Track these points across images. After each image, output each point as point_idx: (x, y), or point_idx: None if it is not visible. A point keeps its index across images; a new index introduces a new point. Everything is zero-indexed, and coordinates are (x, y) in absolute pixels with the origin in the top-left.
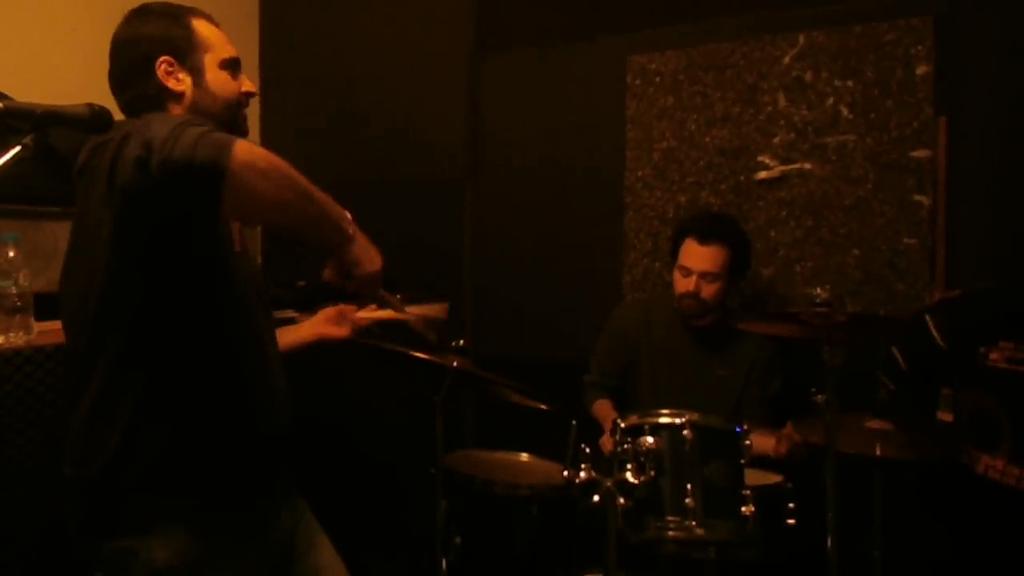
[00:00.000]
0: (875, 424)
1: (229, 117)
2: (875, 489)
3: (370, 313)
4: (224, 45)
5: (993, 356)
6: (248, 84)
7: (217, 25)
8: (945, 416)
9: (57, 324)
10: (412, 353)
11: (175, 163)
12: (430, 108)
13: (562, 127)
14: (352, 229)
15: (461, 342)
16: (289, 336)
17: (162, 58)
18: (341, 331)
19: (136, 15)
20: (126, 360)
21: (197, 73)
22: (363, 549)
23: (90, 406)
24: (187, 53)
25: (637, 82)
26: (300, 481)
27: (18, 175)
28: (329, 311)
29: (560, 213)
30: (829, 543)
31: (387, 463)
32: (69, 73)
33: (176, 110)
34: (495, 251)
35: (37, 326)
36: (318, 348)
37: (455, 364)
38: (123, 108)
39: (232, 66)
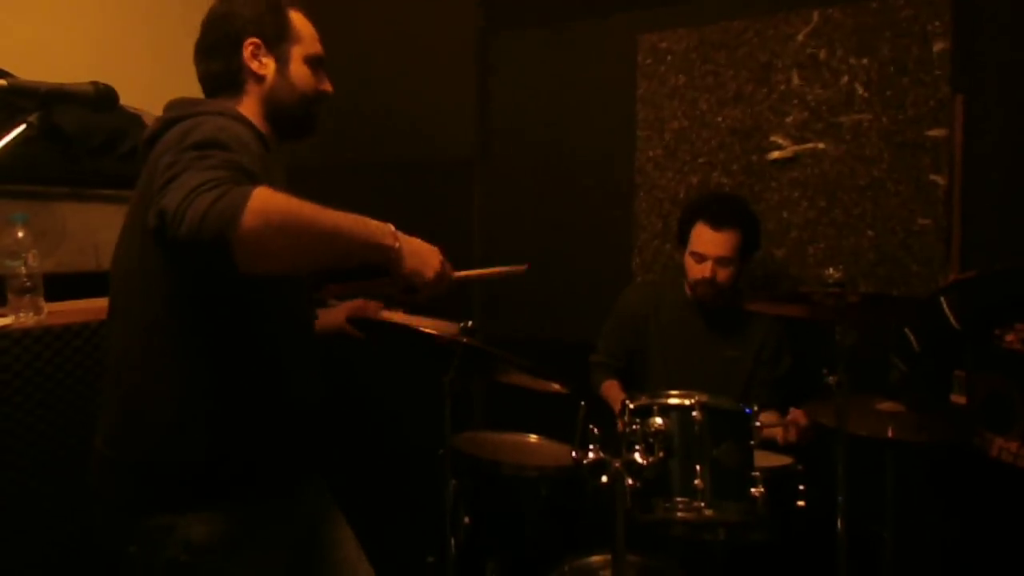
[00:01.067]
0: (887, 406)
1: (302, 111)
2: (886, 471)
3: (464, 273)
4: (314, 41)
5: (1008, 338)
6: (327, 84)
7: (310, 21)
8: (958, 398)
9: (67, 305)
10: (422, 329)
11: (183, 240)
12: (440, 88)
13: (572, 107)
14: (397, 242)
15: (470, 323)
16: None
17: (250, 39)
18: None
19: None
20: (181, 343)
21: (282, 61)
22: (372, 528)
23: (142, 385)
24: (277, 40)
25: (648, 61)
26: (326, 450)
27: (25, 155)
28: (355, 304)
29: (570, 194)
30: (839, 525)
31: (396, 443)
32: (74, 51)
33: (255, 92)
34: (505, 232)
35: (47, 307)
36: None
37: (465, 340)
38: (201, 78)
39: (316, 63)
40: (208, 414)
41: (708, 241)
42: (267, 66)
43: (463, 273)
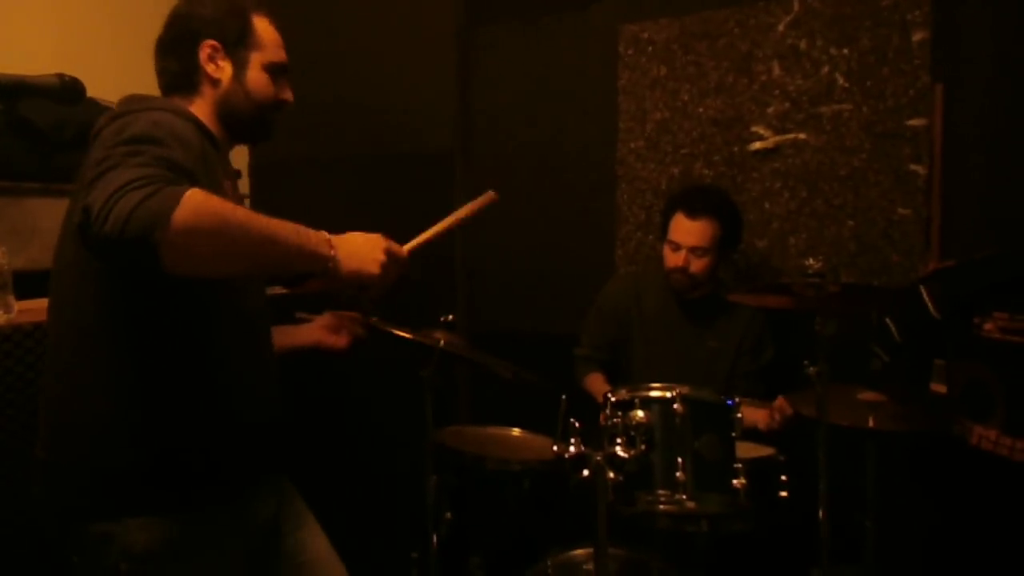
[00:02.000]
0: (868, 396)
1: (256, 118)
2: (868, 461)
3: (428, 234)
4: (277, 49)
5: (987, 326)
6: (288, 93)
7: (277, 28)
8: (938, 387)
9: (38, 303)
10: (398, 333)
11: (106, 239)
12: (420, 81)
13: (553, 98)
14: (332, 250)
15: (450, 317)
16: (286, 339)
17: (208, 41)
18: (340, 341)
19: None
20: (113, 345)
21: (239, 66)
22: (353, 525)
23: (71, 388)
24: (236, 45)
25: (629, 52)
26: (288, 457)
27: None
28: (329, 318)
29: (552, 186)
30: (821, 515)
31: (377, 439)
32: (41, 43)
33: (209, 94)
34: (486, 225)
35: (17, 304)
36: (312, 354)
37: (441, 343)
38: (159, 74)
39: (277, 71)
40: (137, 419)
41: (683, 230)
42: (223, 70)
43: (426, 235)
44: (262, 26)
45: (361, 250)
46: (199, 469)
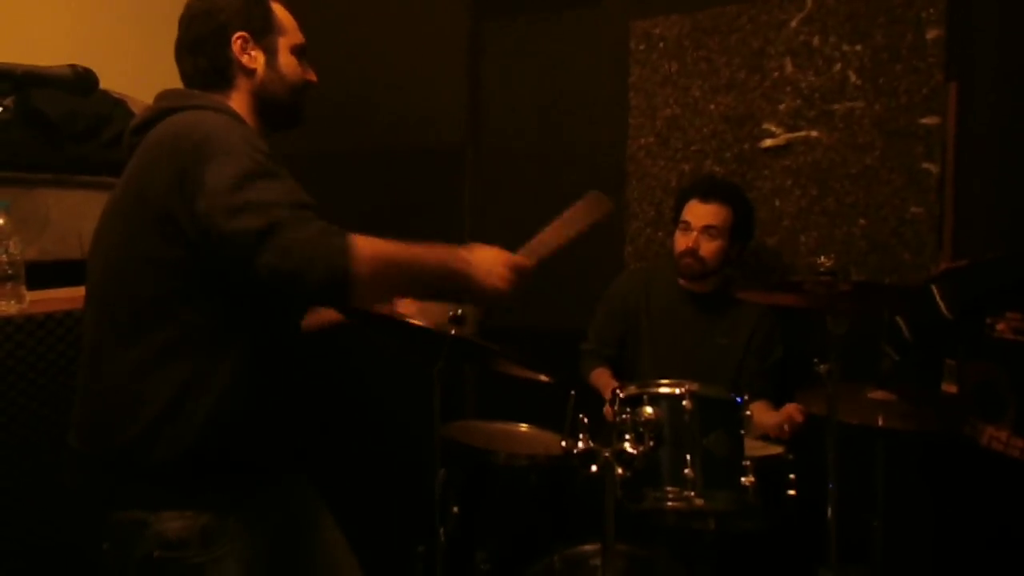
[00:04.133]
0: (878, 395)
1: (292, 102)
2: (877, 460)
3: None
4: (296, 31)
5: (999, 327)
6: (312, 73)
7: (288, 10)
8: (949, 387)
9: (49, 293)
10: (410, 322)
11: (287, 274)
12: (431, 75)
13: (564, 94)
14: (465, 265)
15: (459, 311)
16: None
17: (239, 33)
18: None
19: None
20: (169, 342)
21: (271, 53)
22: (361, 518)
23: (117, 379)
24: (264, 32)
25: (641, 47)
26: (311, 447)
27: (7, 141)
28: None
29: (561, 182)
30: (829, 514)
31: (385, 433)
32: (54, 34)
33: (244, 86)
34: (495, 220)
35: (29, 295)
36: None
37: (452, 333)
38: (186, 75)
39: (300, 52)
40: (189, 412)
41: (696, 212)
42: (256, 59)
43: (543, 248)
44: (280, 11)
45: (489, 263)
46: (239, 461)
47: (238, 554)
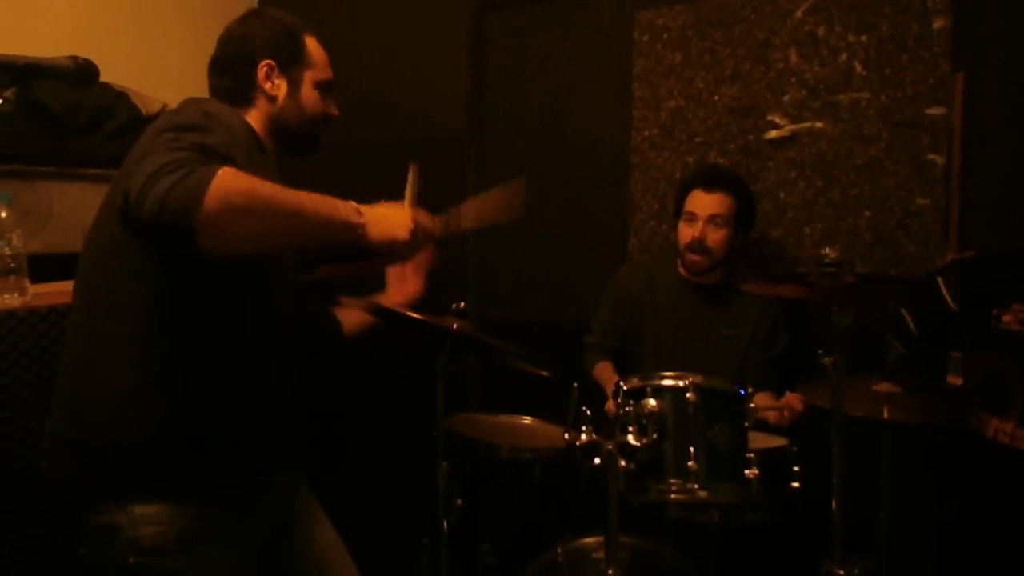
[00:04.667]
0: (883, 387)
1: (307, 132)
2: (882, 452)
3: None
4: (325, 67)
5: (1006, 318)
6: (334, 108)
7: (323, 46)
8: (955, 379)
9: (52, 286)
10: (412, 315)
11: (145, 222)
12: (434, 68)
13: (567, 86)
14: (361, 218)
15: (461, 304)
16: (353, 319)
17: (266, 60)
18: (415, 287)
19: (255, 15)
20: (142, 322)
21: (294, 84)
22: (364, 511)
23: (95, 363)
24: (291, 64)
25: (644, 38)
26: (300, 445)
27: (9, 133)
28: (393, 274)
29: (565, 174)
30: (834, 506)
31: (389, 426)
32: (55, 25)
33: (264, 108)
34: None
35: (32, 288)
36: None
37: (455, 327)
38: (212, 91)
39: (325, 87)
40: (159, 394)
41: (700, 202)
42: (279, 87)
43: (454, 223)
44: (313, 46)
45: (388, 215)
46: (217, 448)
47: (219, 558)
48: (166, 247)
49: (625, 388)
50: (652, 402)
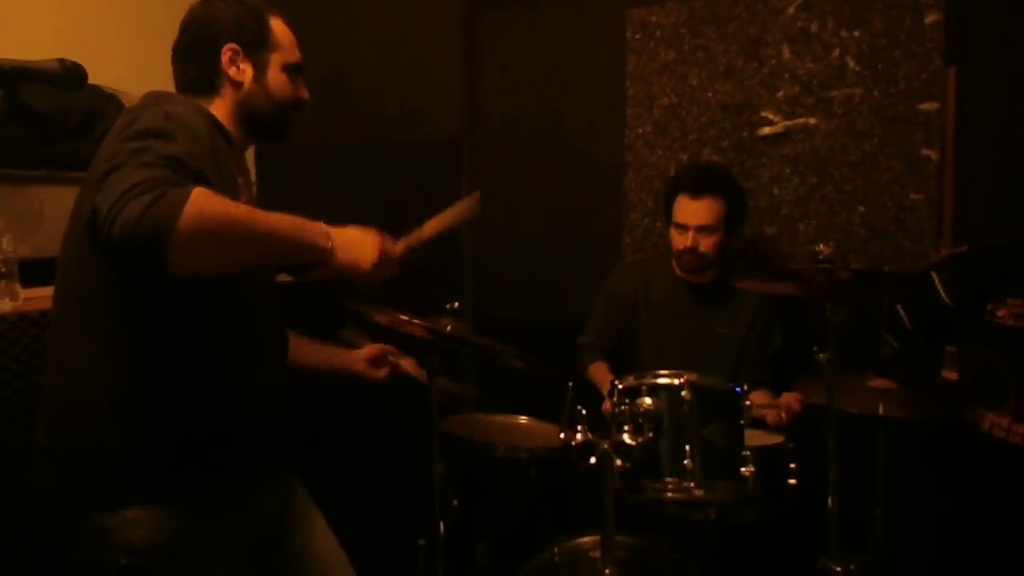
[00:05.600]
0: (878, 383)
1: (276, 117)
2: (878, 448)
3: (416, 238)
4: (293, 49)
5: (1000, 313)
6: (304, 91)
7: (290, 27)
8: (950, 375)
9: (43, 291)
10: (404, 318)
11: (114, 242)
12: (426, 68)
13: (560, 84)
14: (330, 242)
15: (456, 304)
16: (323, 358)
17: (229, 44)
18: (379, 374)
19: None
20: (117, 331)
21: (260, 68)
22: (361, 513)
23: (74, 374)
24: (255, 47)
25: (637, 36)
26: (295, 447)
27: None
28: (373, 350)
29: (559, 173)
30: (830, 503)
31: (384, 427)
32: (41, 29)
33: (229, 95)
34: (492, 213)
35: (24, 292)
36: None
37: (448, 329)
38: (177, 79)
39: (294, 70)
40: (140, 405)
41: (688, 211)
42: (244, 72)
43: (415, 237)
44: (278, 27)
45: (355, 243)
46: (200, 456)
47: (209, 558)
48: (132, 266)
49: (620, 387)
50: (647, 400)
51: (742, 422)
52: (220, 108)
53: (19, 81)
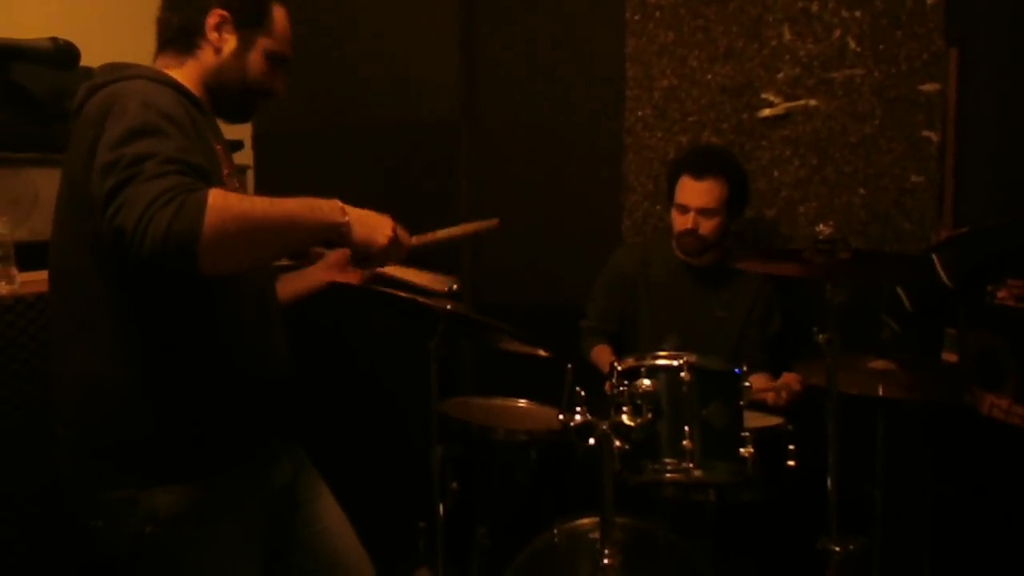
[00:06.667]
0: (878, 364)
1: (243, 100)
2: (877, 430)
3: (430, 237)
4: (284, 42)
5: (1000, 295)
6: (280, 85)
7: (290, 23)
8: (950, 356)
9: (40, 274)
10: (405, 296)
11: (148, 257)
12: (423, 50)
13: (559, 66)
14: (345, 217)
15: (455, 286)
16: (298, 283)
17: (219, 10)
18: (352, 277)
19: None
20: (122, 315)
21: (244, 45)
22: (360, 495)
23: (85, 364)
24: (247, 23)
25: (636, 17)
26: (296, 428)
27: None
28: (334, 256)
29: (558, 156)
30: (829, 484)
31: (383, 410)
32: (36, 7)
33: (204, 60)
34: (491, 195)
35: (20, 276)
36: (325, 294)
37: (448, 308)
38: (159, 23)
39: (278, 62)
40: (154, 390)
41: (690, 192)
42: (227, 42)
43: (429, 236)
44: (279, 15)
45: (370, 219)
46: (215, 433)
47: (230, 528)
48: (168, 272)
49: (619, 368)
50: (646, 382)
51: (741, 403)
52: (191, 71)
53: (11, 59)
